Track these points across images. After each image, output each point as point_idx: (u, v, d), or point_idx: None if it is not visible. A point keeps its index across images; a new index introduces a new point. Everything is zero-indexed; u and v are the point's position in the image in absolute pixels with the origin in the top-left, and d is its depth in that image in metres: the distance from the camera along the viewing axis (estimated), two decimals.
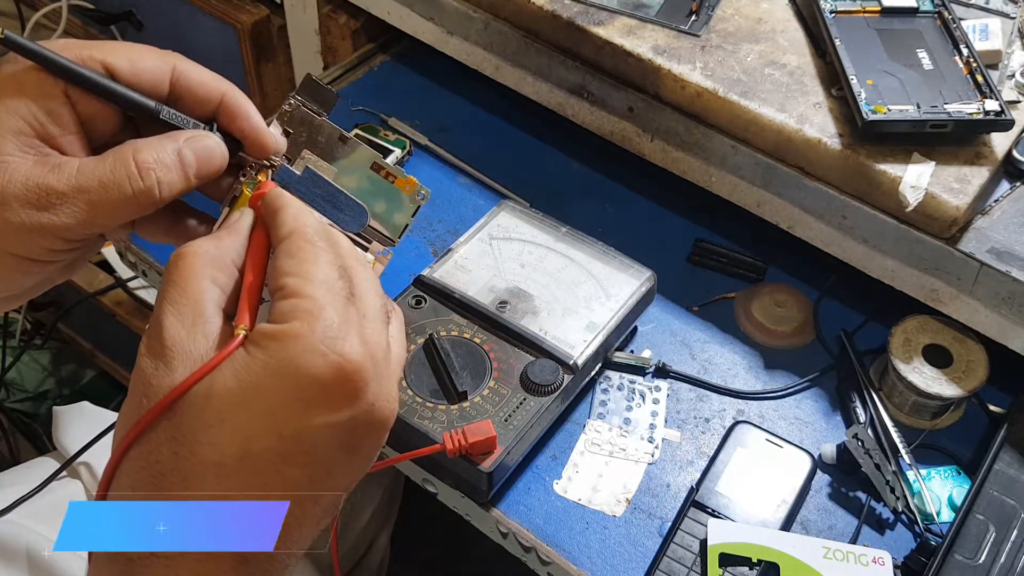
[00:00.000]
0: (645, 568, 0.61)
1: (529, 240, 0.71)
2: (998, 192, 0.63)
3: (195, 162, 0.43)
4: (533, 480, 0.65)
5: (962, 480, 0.65)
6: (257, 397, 0.36)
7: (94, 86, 0.42)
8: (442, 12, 0.78)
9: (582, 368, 0.64)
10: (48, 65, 0.42)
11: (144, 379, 0.37)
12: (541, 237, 0.72)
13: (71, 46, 0.43)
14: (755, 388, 0.71)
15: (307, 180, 0.47)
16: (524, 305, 0.67)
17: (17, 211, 0.40)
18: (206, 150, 0.44)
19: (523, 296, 0.68)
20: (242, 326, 0.38)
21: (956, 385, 0.64)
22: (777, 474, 0.64)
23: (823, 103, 0.65)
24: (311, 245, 0.40)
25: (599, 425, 0.67)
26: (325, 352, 0.36)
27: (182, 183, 0.43)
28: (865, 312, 0.75)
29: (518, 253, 0.71)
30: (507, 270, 0.69)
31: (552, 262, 0.70)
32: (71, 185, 0.41)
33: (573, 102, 0.74)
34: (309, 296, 0.37)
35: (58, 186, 0.41)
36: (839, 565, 0.59)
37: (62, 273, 0.46)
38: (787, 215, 0.68)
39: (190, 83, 0.45)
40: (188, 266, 0.39)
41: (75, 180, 0.41)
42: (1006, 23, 0.69)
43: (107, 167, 0.41)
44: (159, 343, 0.37)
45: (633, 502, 0.64)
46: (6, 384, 1.29)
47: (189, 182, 0.43)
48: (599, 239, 0.71)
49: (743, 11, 0.71)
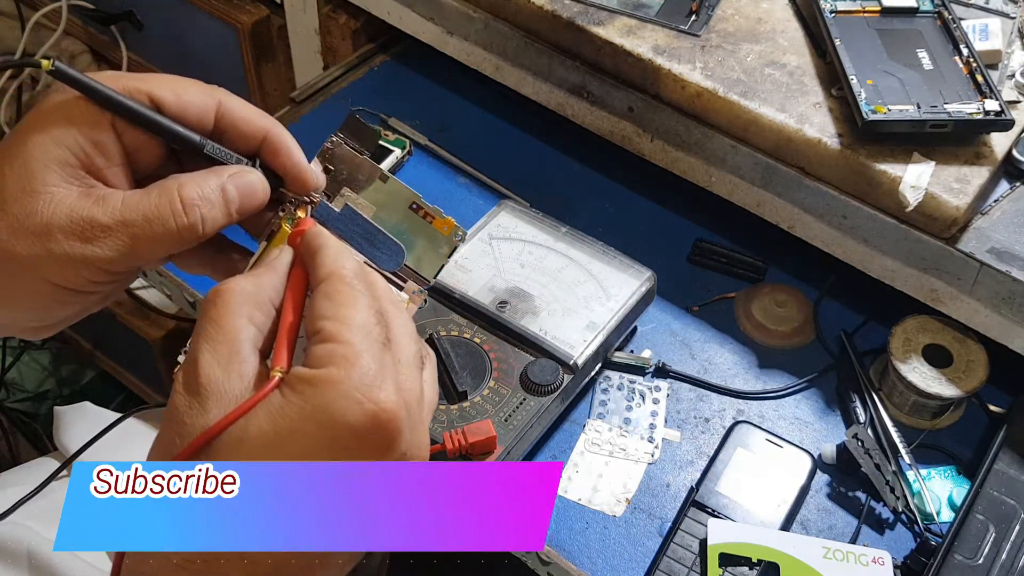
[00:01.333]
0: (645, 568, 0.61)
1: (529, 240, 0.71)
2: (998, 192, 0.63)
3: (238, 198, 0.43)
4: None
5: (962, 480, 0.65)
6: (291, 442, 0.36)
7: (141, 119, 0.43)
8: (442, 12, 0.78)
9: (582, 368, 0.64)
10: (95, 96, 0.42)
11: (178, 417, 0.37)
12: (541, 237, 0.72)
13: (118, 78, 0.43)
14: (755, 388, 0.71)
15: (346, 217, 0.47)
16: (524, 305, 0.67)
17: (61, 242, 0.41)
18: (249, 186, 0.44)
19: (523, 296, 0.68)
20: (279, 368, 0.38)
21: (956, 385, 0.64)
22: (777, 474, 0.64)
23: (823, 103, 0.65)
24: (350, 288, 0.40)
25: (599, 425, 0.68)
26: (361, 400, 0.36)
27: (224, 219, 0.43)
28: (865, 312, 0.75)
29: (518, 253, 0.71)
30: (507, 270, 0.69)
31: (552, 262, 0.70)
32: (115, 218, 0.41)
33: (573, 102, 0.74)
34: (346, 342, 0.37)
35: (103, 219, 0.41)
36: (839, 565, 0.59)
37: (97, 303, 0.46)
38: (787, 215, 0.68)
39: (234, 118, 0.45)
40: (225, 303, 0.39)
41: (119, 213, 0.41)
42: (1006, 23, 0.69)
43: (152, 201, 0.42)
44: (195, 381, 0.37)
45: (633, 502, 0.64)
46: (6, 384, 1.29)
47: (231, 218, 0.44)
48: (599, 239, 0.71)
49: (743, 11, 0.71)
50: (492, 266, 0.70)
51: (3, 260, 0.41)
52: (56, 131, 0.42)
